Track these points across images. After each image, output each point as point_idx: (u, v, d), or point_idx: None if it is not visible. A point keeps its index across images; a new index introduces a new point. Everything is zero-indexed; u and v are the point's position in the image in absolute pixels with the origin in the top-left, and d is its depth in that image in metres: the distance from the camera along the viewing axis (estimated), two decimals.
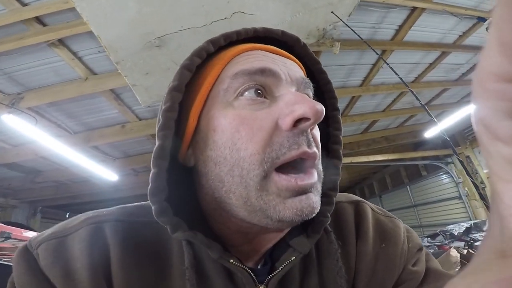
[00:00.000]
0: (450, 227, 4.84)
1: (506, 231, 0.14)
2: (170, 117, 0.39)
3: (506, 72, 0.12)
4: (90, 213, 0.44)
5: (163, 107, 0.39)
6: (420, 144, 7.19)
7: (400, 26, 3.27)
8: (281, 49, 0.47)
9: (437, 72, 4.30)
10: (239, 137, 0.37)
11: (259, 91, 0.39)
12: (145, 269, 0.40)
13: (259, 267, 0.44)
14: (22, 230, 3.31)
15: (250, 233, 0.43)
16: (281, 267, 0.41)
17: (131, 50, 2.06)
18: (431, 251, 4.65)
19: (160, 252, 0.42)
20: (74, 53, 2.85)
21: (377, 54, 1.95)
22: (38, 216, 7.38)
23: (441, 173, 7.00)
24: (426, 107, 1.84)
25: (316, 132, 0.41)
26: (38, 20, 2.46)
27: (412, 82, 4.52)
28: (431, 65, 4.13)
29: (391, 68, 1.91)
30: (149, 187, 0.38)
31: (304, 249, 0.42)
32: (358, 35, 2.08)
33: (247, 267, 0.40)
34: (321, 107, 0.36)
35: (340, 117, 0.51)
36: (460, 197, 6.46)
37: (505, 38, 0.12)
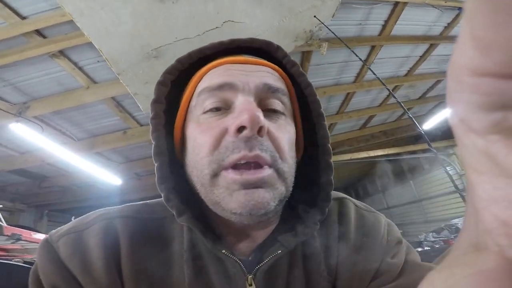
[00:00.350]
0: (455, 221, 4.80)
1: (480, 225, 0.15)
2: (157, 122, 0.47)
3: (478, 66, 0.12)
4: (102, 210, 0.50)
5: (150, 116, 0.48)
6: (420, 137, 7.17)
7: (386, 21, 3.33)
8: (259, 55, 0.51)
9: (428, 64, 4.36)
10: (197, 144, 0.44)
11: (218, 107, 0.45)
12: (150, 260, 0.45)
13: (250, 259, 0.47)
14: (32, 232, 3.44)
15: (235, 228, 0.47)
16: (268, 259, 0.45)
17: (131, 62, 2.19)
18: (437, 246, 4.64)
19: (163, 245, 0.47)
20: (75, 63, 2.97)
21: (356, 55, 2.04)
22: (44, 220, 7.53)
23: (444, 166, 6.80)
24: (401, 103, 1.92)
25: (279, 135, 0.44)
26: (38, 32, 2.57)
27: (405, 75, 4.58)
28: (422, 58, 4.18)
29: (371, 70, 2.00)
30: (155, 178, 0.45)
31: (290, 245, 0.45)
32: (337, 36, 2.19)
33: (237, 258, 0.44)
34: (254, 117, 0.39)
35: (325, 122, 0.51)
36: (464, 190, 6.31)
37: (476, 31, 0.12)
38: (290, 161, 0.45)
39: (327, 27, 2.25)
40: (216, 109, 0.45)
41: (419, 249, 4.97)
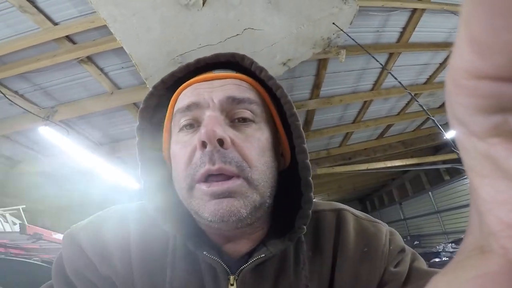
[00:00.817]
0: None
1: (484, 227, 0.15)
2: (142, 146, 0.52)
3: (476, 69, 0.12)
4: (118, 206, 0.57)
5: (136, 141, 0.53)
6: (440, 147, 6.96)
7: (404, 28, 3.32)
8: (229, 68, 0.54)
9: None
10: (176, 161, 0.48)
11: (191, 124, 0.48)
12: (152, 253, 0.50)
13: (236, 261, 0.50)
14: (52, 232, 3.56)
15: (222, 235, 0.50)
16: (251, 261, 0.47)
17: (158, 67, 2.29)
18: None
19: (163, 242, 0.51)
20: (101, 69, 3.10)
21: (377, 61, 2.04)
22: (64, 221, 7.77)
23: (465, 177, 6.49)
24: (425, 108, 1.91)
25: (245, 145, 0.45)
26: (68, 38, 2.70)
27: (424, 83, 4.50)
28: (442, 65, 4.11)
29: (390, 73, 2.01)
30: (145, 197, 0.50)
31: (275, 250, 0.48)
32: (357, 42, 2.20)
33: (220, 259, 0.47)
34: (209, 133, 0.42)
35: (298, 123, 0.51)
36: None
37: (474, 34, 0.12)
38: (262, 168, 0.46)
39: (347, 34, 2.28)
40: (190, 126, 0.48)
41: (437, 259, 4.85)
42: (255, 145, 0.46)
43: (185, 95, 0.50)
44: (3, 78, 2.97)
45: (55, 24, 2.52)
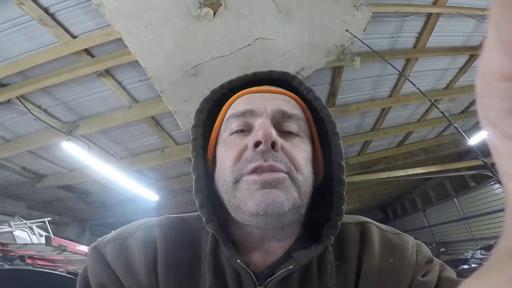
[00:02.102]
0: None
1: None
2: (196, 144, 0.55)
3: (508, 71, 0.12)
4: (143, 220, 0.58)
5: (191, 138, 0.56)
6: (464, 154, 6.75)
7: (420, 33, 3.26)
8: (278, 85, 0.60)
9: (469, 76, 4.13)
10: (223, 159, 0.50)
11: (242, 129, 0.52)
12: (180, 266, 0.51)
13: (264, 272, 0.51)
14: (76, 244, 3.64)
15: (252, 239, 0.51)
16: (279, 273, 0.47)
17: (172, 80, 2.33)
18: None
19: (192, 253, 0.53)
20: (119, 82, 3.18)
21: (393, 67, 1.99)
22: (87, 233, 7.98)
23: (492, 182, 6.38)
24: (447, 116, 1.83)
25: (294, 151, 0.49)
26: (87, 51, 2.78)
27: (444, 89, 4.39)
28: (462, 70, 4.00)
29: (408, 80, 1.96)
30: (193, 189, 0.52)
31: (303, 261, 0.48)
32: (372, 49, 2.17)
33: (250, 270, 0.48)
34: (266, 134, 0.46)
35: (339, 141, 0.55)
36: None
37: (504, 36, 0.12)
38: (306, 173, 0.49)
39: (361, 41, 2.25)
40: (241, 131, 0.52)
41: (465, 266, 4.66)
42: (301, 153, 0.50)
43: (240, 103, 0.55)
44: (27, 92, 3.08)
45: (74, 37, 2.60)
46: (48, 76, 2.90)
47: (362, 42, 2.26)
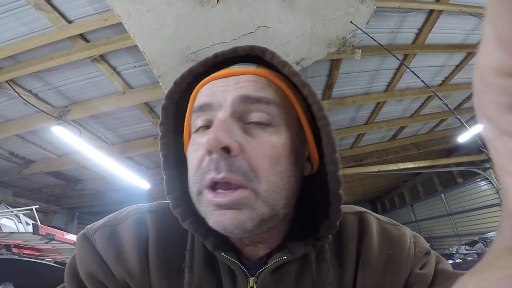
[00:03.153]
0: (491, 234, 4.63)
1: None
2: (165, 141, 0.50)
3: (506, 67, 0.12)
4: (134, 206, 0.55)
5: (159, 137, 0.51)
6: (453, 150, 6.91)
7: (420, 29, 3.28)
8: (252, 61, 0.50)
9: (465, 73, 4.20)
10: (190, 161, 0.45)
11: (206, 124, 0.46)
12: (171, 253, 0.49)
13: (256, 262, 0.49)
14: (64, 233, 3.58)
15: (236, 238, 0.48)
16: (272, 263, 0.46)
17: (171, 65, 2.27)
18: (470, 258, 4.48)
19: (182, 241, 0.50)
20: (114, 68, 3.11)
21: (398, 59, 2.00)
22: (75, 222, 7.87)
23: (479, 179, 6.62)
24: (453, 111, 1.84)
25: (256, 152, 0.42)
26: (82, 36, 2.71)
27: (439, 85, 4.45)
28: (458, 67, 4.06)
29: (412, 72, 1.95)
30: (164, 189, 0.48)
31: (297, 253, 0.46)
32: (377, 41, 2.15)
33: (239, 261, 0.46)
34: (214, 139, 0.39)
35: (330, 127, 0.45)
36: (501, 204, 6.05)
37: (502, 32, 0.12)
38: (273, 179, 0.42)
39: (366, 33, 2.24)
40: (207, 127, 0.45)
41: (450, 261, 4.77)
42: (267, 152, 0.42)
43: (201, 94, 0.48)
44: (17, 77, 3.00)
45: (70, 22, 2.53)
46: (40, 60, 2.83)
47: (367, 34, 2.25)
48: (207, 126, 0.45)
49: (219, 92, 0.45)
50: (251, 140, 0.42)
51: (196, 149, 0.44)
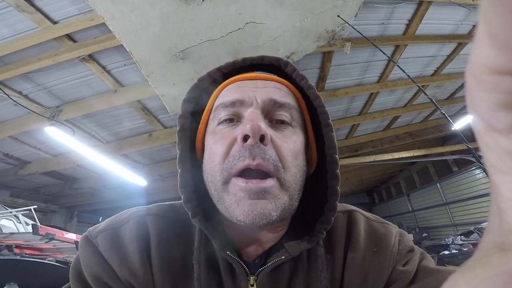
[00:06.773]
0: (486, 224, 4.68)
1: (504, 225, 0.14)
2: (183, 135, 0.52)
3: (497, 65, 0.12)
4: (134, 209, 0.56)
5: (177, 129, 0.53)
6: (448, 138, 6.93)
7: (410, 20, 3.27)
8: (270, 71, 0.56)
9: (456, 63, 4.21)
10: (212, 153, 0.48)
11: (231, 118, 0.50)
12: (173, 255, 0.50)
13: (256, 262, 0.51)
14: (64, 232, 3.59)
15: (243, 232, 0.50)
16: (271, 263, 0.48)
17: (159, 64, 2.26)
18: (465, 249, 4.53)
19: (184, 242, 0.52)
20: (103, 67, 3.10)
21: (385, 54, 1.98)
22: (74, 220, 7.91)
23: (473, 167, 6.58)
24: (434, 101, 1.85)
25: (283, 144, 0.47)
26: (69, 37, 2.69)
27: (432, 75, 4.45)
28: (449, 57, 4.06)
29: (398, 66, 1.95)
30: (178, 182, 0.50)
31: (294, 252, 0.49)
32: (362, 35, 2.15)
33: (241, 260, 0.48)
34: (255, 127, 0.43)
35: (333, 133, 0.52)
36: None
37: (494, 30, 0.12)
38: (294, 170, 0.47)
39: (352, 27, 2.23)
40: (230, 121, 0.50)
41: (446, 252, 4.82)
42: (291, 146, 0.48)
43: (229, 91, 0.52)
44: (5, 79, 2.98)
45: (54, 22, 2.51)
46: (28, 62, 2.81)
47: (353, 28, 2.24)
48: (230, 120, 0.49)
49: (250, 91, 0.50)
50: (277, 134, 0.48)
51: (222, 138, 0.48)
